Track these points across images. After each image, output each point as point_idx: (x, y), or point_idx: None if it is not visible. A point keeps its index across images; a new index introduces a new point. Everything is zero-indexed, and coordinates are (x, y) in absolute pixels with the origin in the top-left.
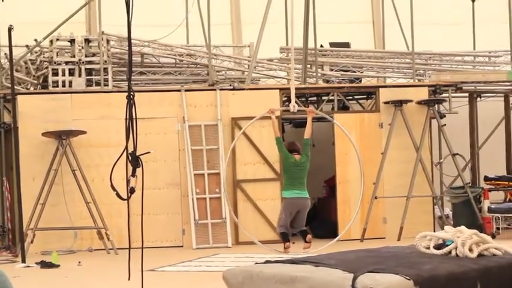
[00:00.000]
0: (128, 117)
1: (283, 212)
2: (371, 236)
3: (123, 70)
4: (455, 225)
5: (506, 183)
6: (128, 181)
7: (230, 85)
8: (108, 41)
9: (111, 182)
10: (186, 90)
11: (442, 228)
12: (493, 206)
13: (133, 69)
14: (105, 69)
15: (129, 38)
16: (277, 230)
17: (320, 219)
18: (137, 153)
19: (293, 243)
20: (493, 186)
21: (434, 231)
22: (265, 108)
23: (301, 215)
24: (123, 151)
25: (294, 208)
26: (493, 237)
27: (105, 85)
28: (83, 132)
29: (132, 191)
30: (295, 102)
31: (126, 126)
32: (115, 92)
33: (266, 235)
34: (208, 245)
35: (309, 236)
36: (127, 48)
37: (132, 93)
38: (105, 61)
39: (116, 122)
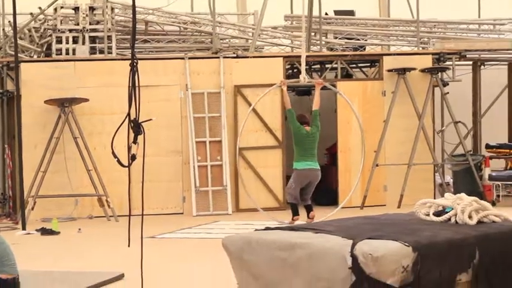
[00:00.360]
0: (130, 85)
1: (294, 183)
2: (371, 204)
3: (127, 38)
4: (455, 193)
5: (508, 151)
6: (129, 148)
7: (234, 53)
8: (112, 9)
9: (112, 149)
10: (189, 58)
11: (443, 196)
12: (493, 174)
13: (137, 37)
14: (109, 37)
15: (134, 6)
16: (287, 199)
17: (321, 187)
18: (139, 121)
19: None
20: (494, 154)
21: (435, 198)
22: (268, 76)
23: (311, 186)
24: (125, 118)
25: (305, 179)
26: (493, 204)
27: (108, 53)
28: (86, 100)
29: (133, 158)
30: (305, 73)
31: (129, 93)
32: (118, 59)
33: (267, 203)
34: (209, 212)
35: (312, 213)
36: (131, 16)
37: (135, 60)
38: (109, 29)
39: (119, 89)
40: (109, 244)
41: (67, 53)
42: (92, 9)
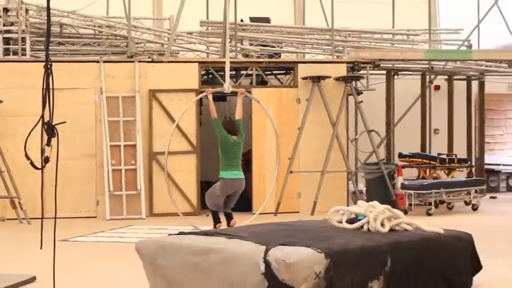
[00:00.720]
0: (44, 87)
1: (220, 192)
2: (285, 210)
3: (42, 40)
4: (368, 201)
5: (420, 160)
6: (42, 150)
7: (149, 57)
8: (27, 11)
9: (26, 151)
10: (104, 62)
11: (356, 204)
12: (406, 183)
13: (52, 39)
14: (23, 39)
15: (48, 8)
16: (209, 206)
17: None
18: (53, 123)
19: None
20: (407, 163)
21: (348, 206)
22: (183, 81)
23: (236, 195)
24: (39, 120)
25: (231, 189)
26: (406, 213)
27: (22, 55)
28: None
29: (46, 160)
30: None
31: (43, 96)
32: (32, 61)
33: (181, 208)
34: (122, 216)
35: (233, 221)
36: (46, 18)
37: (49, 62)
38: (23, 30)
39: (33, 91)
40: (21, 246)
41: None
42: (6, 10)
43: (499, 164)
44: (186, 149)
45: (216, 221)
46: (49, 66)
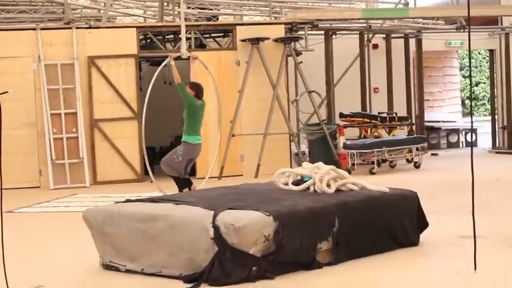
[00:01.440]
0: None
1: (183, 157)
2: (228, 174)
3: None
4: (311, 162)
5: (361, 119)
6: None
7: (86, 23)
8: None
9: None
10: (41, 29)
11: (299, 165)
12: (348, 142)
13: None
14: None
15: None
16: (168, 172)
17: None
18: None
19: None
20: (348, 123)
21: (291, 168)
22: (122, 47)
23: (194, 160)
24: None
25: (194, 154)
26: (349, 172)
27: None
28: None
29: None
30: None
31: None
32: None
33: (124, 175)
34: (66, 185)
35: (193, 185)
36: None
37: None
38: None
39: None
40: None
41: None
42: None
43: (439, 121)
44: (127, 115)
45: (181, 186)
46: None
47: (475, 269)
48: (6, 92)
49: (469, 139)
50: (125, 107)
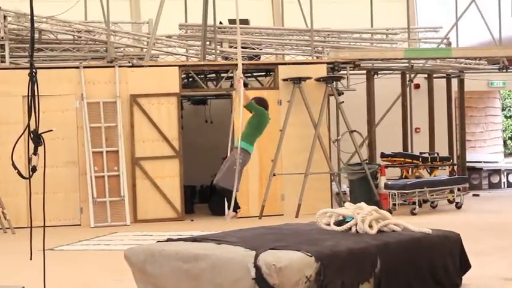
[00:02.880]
0: (29, 95)
1: (242, 165)
2: (269, 213)
3: (21, 47)
4: (352, 202)
5: (402, 159)
6: (29, 159)
7: (129, 62)
8: (5, 17)
9: (13, 160)
10: (84, 67)
11: (340, 205)
12: (389, 183)
13: None
14: (2, 46)
15: (32, 19)
16: (224, 185)
17: (219, 196)
18: (39, 131)
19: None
20: (389, 163)
21: (332, 208)
22: (164, 85)
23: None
24: (25, 129)
25: (247, 164)
26: (390, 213)
27: (1, 62)
28: None
29: (33, 169)
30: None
31: (28, 104)
32: (12, 68)
33: (165, 213)
34: (107, 223)
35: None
36: (24, 24)
37: (34, 70)
38: (2, 37)
39: (14, 99)
40: (7, 257)
41: None
42: None
43: (481, 162)
44: (168, 154)
45: (236, 206)
46: (34, 73)
47: None
48: (51, 130)
49: (511, 180)
50: (166, 146)
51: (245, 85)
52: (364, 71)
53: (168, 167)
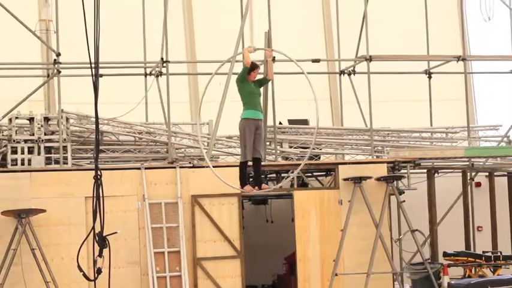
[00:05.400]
0: (94, 196)
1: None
2: None
3: (83, 148)
4: None
5: (465, 258)
6: (94, 262)
7: (190, 163)
8: (67, 119)
9: (78, 262)
10: (145, 168)
11: None
12: (452, 282)
13: (92, 147)
14: (64, 147)
15: (97, 121)
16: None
17: None
18: (104, 234)
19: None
20: (452, 262)
21: None
22: (225, 185)
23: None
24: (90, 231)
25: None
26: None
27: (64, 163)
28: (43, 211)
29: (99, 271)
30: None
31: (93, 206)
32: (74, 170)
33: None
34: None
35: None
36: (86, 126)
37: (99, 173)
38: (64, 139)
39: (76, 200)
40: None
41: (22, 164)
42: (46, 119)
43: None
44: (230, 254)
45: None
46: (99, 176)
47: None
48: (115, 232)
49: None
50: (227, 246)
51: (305, 185)
52: (425, 170)
53: (230, 267)
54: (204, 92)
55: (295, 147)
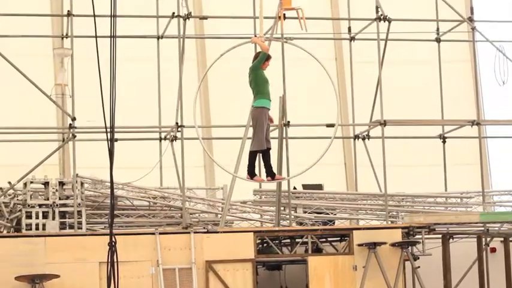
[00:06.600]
0: (109, 262)
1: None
2: None
3: (97, 213)
4: None
5: None
6: None
7: (204, 228)
8: (82, 184)
9: None
10: (160, 233)
11: None
12: None
13: (106, 212)
14: (79, 212)
15: (112, 186)
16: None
17: None
18: None
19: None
20: None
21: None
22: (239, 251)
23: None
24: None
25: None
26: None
27: (78, 228)
28: (57, 276)
29: None
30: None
31: (108, 272)
32: (89, 235)
33: None
34: None
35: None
36: (101, 190)
37: (114, 239)
38: (79, 204)
39: (90, 265)
40: None
41: (37, 228)
42: (61, 184)
43: None
44: None
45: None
46: (114, 243)
47: None
48: None
49: None
50: None
51: (319, 250)
52: (440, 235)
53: None
54: (199, 87)
55: (309, 212)
